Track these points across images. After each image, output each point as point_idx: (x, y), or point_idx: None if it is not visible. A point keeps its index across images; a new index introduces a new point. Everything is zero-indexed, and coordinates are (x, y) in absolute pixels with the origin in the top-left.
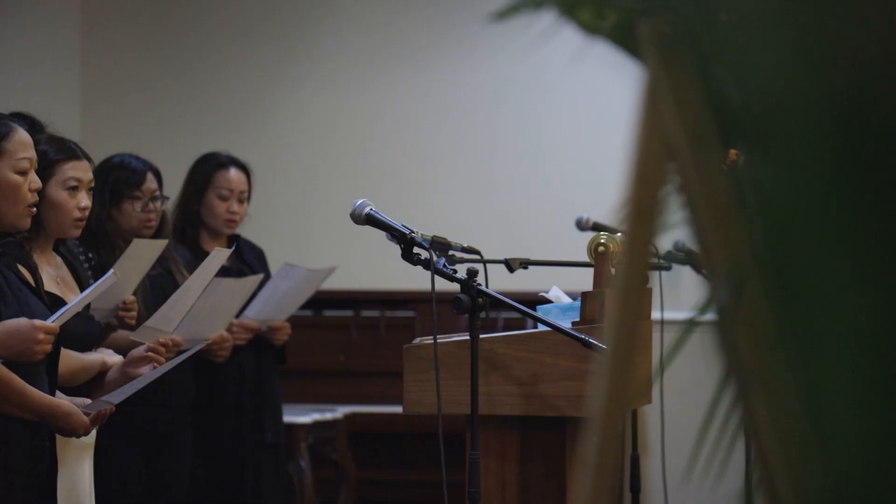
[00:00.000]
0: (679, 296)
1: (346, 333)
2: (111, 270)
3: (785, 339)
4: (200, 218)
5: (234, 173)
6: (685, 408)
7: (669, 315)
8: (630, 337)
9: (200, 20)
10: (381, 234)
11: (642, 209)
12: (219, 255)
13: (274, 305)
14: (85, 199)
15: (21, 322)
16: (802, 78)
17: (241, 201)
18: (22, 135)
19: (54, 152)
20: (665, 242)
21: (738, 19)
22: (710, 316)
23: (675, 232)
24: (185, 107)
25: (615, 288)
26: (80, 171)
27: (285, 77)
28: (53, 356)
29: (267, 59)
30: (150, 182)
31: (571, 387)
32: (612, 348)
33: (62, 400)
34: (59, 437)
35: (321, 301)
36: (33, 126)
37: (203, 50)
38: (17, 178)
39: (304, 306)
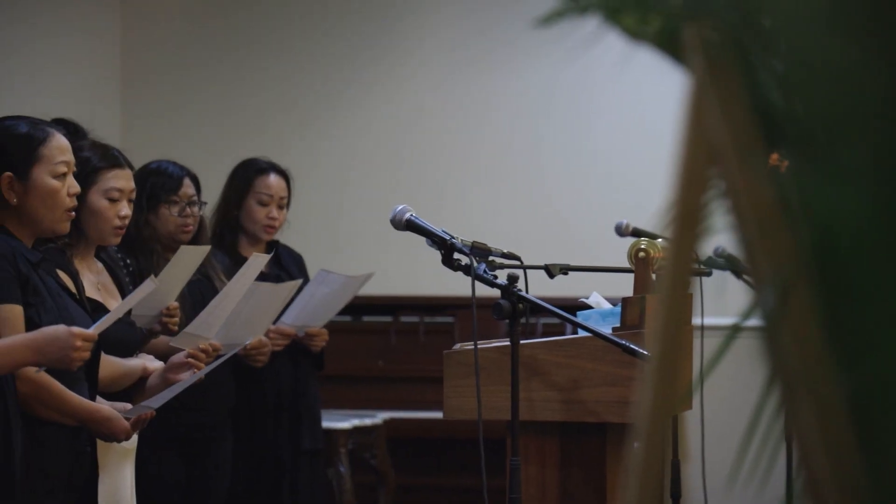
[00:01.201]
0: (719, 302)
1: (386, 339)
2: (149, 279)
3: (832, 344)
4: (240, 223)
5: (274, 179)
6: (724, 413)
7: (709, 321)
8: (674, 342)
9: (239, 27)
10: (421, 239)
11: (687, 214)
12: (257, 261)
13: (311, 312)
14: (125, 209)
15: (59, 329)
16: (848, 83)
17: (280, 207)
18: (59, 139)
19: (97, 160)
20: (706, 248)
21: (783, 24)
22: (754, 322)
23: (718, 237)
24: (225, 113)
25: (659, 293)
26: (122, 180)
27: (325, 83)
28: (93, 362)
29: (306, 67)
30: (188, 187)
31: (612, 392)
32: (656, 354)
33: (103, 405)
34: (100, 443)
35: (360, 307)
36: (76, 132)
37: (243, 57)
38: (55, 182)
39: (344, 312)
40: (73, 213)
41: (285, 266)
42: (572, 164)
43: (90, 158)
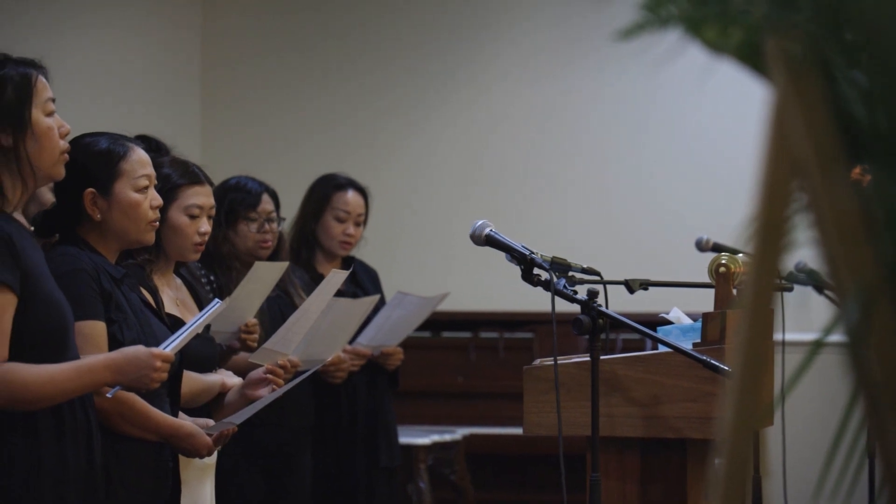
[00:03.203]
0: (801, 317)
1: (465, 355)
2: (216, 300)
3: None
4: (316, 239)
5: (352, 195)
6: (806, 429)
7: (791, 336)
8: (757, 358)
9: (317, 44)
10: (500, 255)
11: (770, 227)
12: (336, 277)
13: (386, 332)
14: (205, 225)
15: (139, 350)
16: None
17: (357, 224)
18: (139, 153)
19: (177, 176)
20: (788, 262)
21: (866, 37)
22: (836, 337)
23: (799, 251)
24: (303, 129)
25: (743, 308)
26: (202, 197)
27: (403, 100)
28: (176, 378)
29: (383, 84)
30: (266, 203)
31: (692, 408)
32: (739, 369)
33: (185, 421)
34: (180, 458)
35: (440, 322)
36: (158, 148)
37: (321, 73)
38: (137, 196)
39: (423, 328)
40: (157, 223)
41: (361, 282)
42: (652, 179)
43: (170, 175)
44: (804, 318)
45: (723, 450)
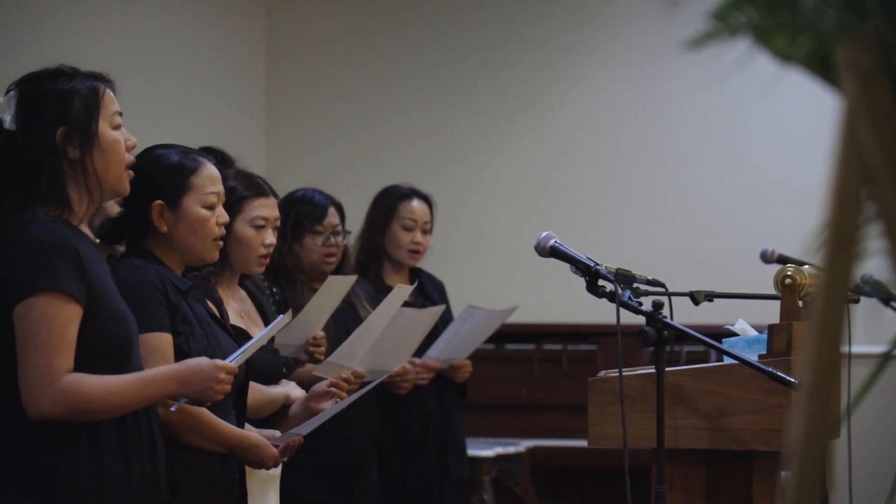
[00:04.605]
0: (869, 329)
1: (529, 367)
2: (280, 315)
3: None
4: (384, 250)
5: (417, 204)
6: (872, 442)
7: (858, 349)
8: (828, 370)
9: (382, 55)
10: (564, 266)
11: (841, 237)
12: (401, 292)
13: (456, 345)
14: (270, 237)
15: (203, 361)
16: None
17: (424, 232)
18: (210, 169)
19: (242, 188)
20: (857, 273)
21: None
22: None
23: (870, 262)
24: (367, 140)
25: (813, 318)
26: (267, 208)
27: (467, 111)
28: (242, 390)
29: (448, 96)
30: (332, 217)
31: (758, 420)
32: (809, 381)
33: (251, 432)
34: (246, 469)
35: (503, 335)
36: (223, 160)
37: (386, 84)
38: (206, 212)
39: (487, 340)
40: (222, 241)
41: (428, 294)
42: (718, 191)
43: (235, 187)
44: (872, 330)
45: (792, 463)
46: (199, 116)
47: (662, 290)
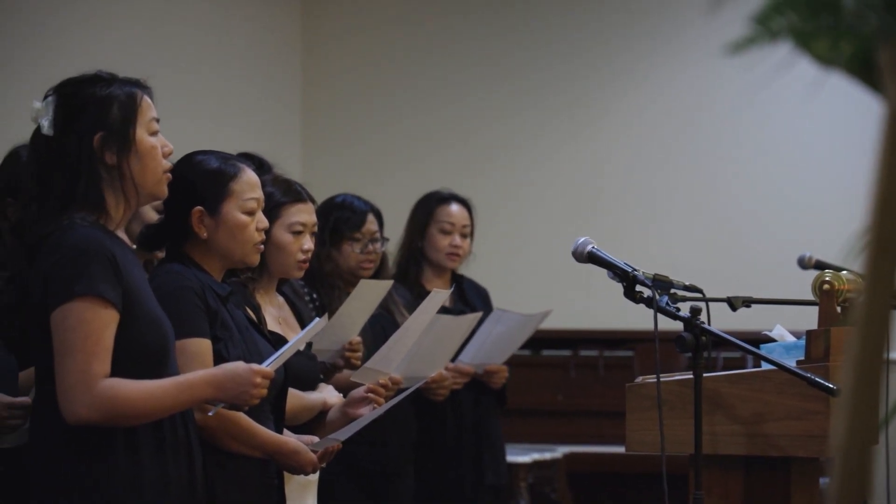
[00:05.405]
0: None
1: (565, 373)
2: (316, 318)
3: None
4: (424, 254)
5: (455, 208)
6: None
7: None
8: (871, 375)
9: (419, 61)
10: (600, 272)
11: (883, 241)
12: (438, 297)
13: (488, 350)
14: (308, 242)
15: (239, 366)
16: None
17: (463, 236)
18: (250, 175)
19: (280, 194)
20: None
21: None
22: None
23: None
24: (406, 146)
25: (855, 323)
26: (305, 214)
27: (503, 117)
28: (280, 396)
29: (485, 102)
30: (371, 223)
31: (796, 426)
32: (852, 386)
33: (290, 438)
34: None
35: (540, 341)
36: (261, 166)
37: (422, 90)
38: (245, 218)
39: (523, 346)
40: (262, 246)
41: (469, 301)
42: (754, 196)
43: (273, 193)
44: None
45: (834, 469)
46: (235, 123)
47: (700, 295)
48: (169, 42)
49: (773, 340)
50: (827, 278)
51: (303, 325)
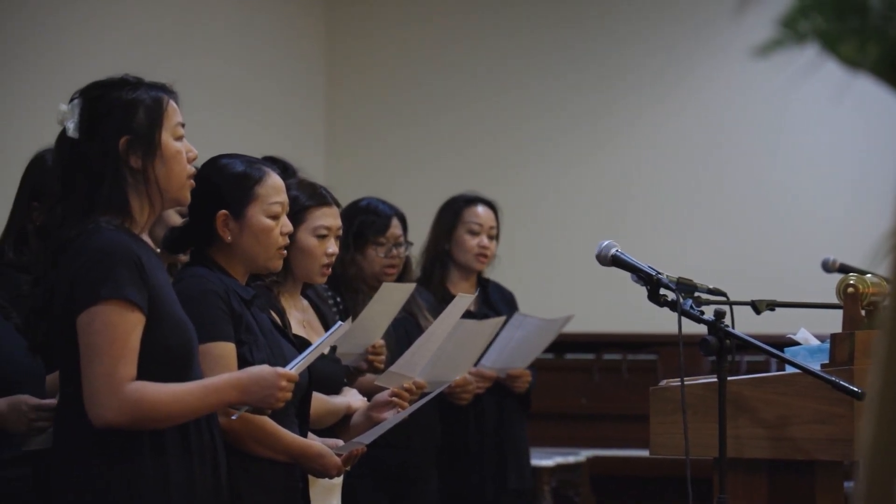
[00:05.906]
0: None
1: (588, 377)
2: (339, 322)
3: None
4: (451, 256)
5: (482, 209)
6: None
7: None
8: None
9: (443, 65)
10: (624, 276)
11: None
12: (462, 301)
13: (510, 354)
14: (332, 246)
15: (264, 369)
16: None
17: (490, 237)
18: (275, 179)
19: (305, 198)
20: None
21: None
22: None
23: None
24: (430, 149)
25: (881, 326)
26: (330, 218)
27: (529, 121)
28: (305, 400)
29: (511, 105)
30: (395, 228)
31: (821, 430)
32: (879, 390)
33: (314, 441)
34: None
35: (563, 344)
36: (285, 170)
37: (447, 94)
38: (269, 222)
39: (547, 349)
40: (286, 251)
41: (494, 304)
42: (779, 199)
43: (298, 197)
44: None
45: (861, 472)
46: (258, 126)
47: (724, 299)
48: (193, 44)
49: (797, 344)
50: (851, 282)
51: (327, 329)
